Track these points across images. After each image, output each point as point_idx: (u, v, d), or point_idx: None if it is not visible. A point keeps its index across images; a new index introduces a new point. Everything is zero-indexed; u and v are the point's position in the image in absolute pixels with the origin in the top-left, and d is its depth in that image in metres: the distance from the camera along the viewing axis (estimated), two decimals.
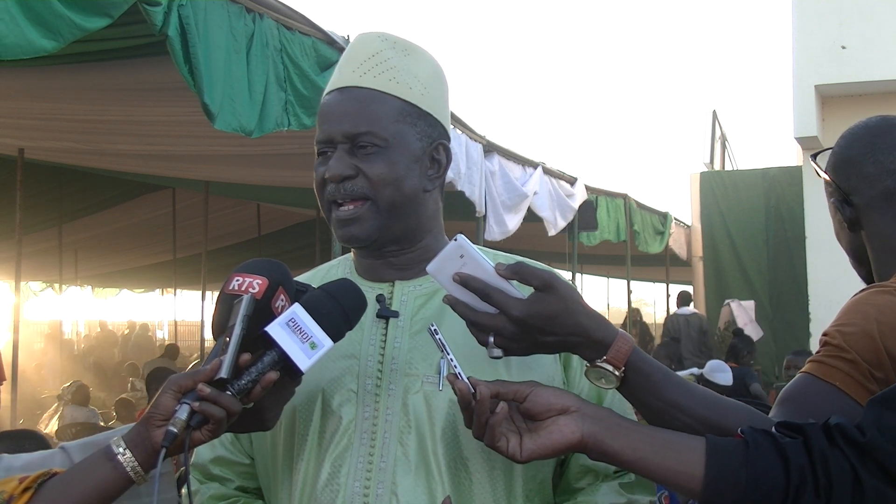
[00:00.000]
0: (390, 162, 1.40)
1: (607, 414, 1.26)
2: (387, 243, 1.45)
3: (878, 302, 1.46)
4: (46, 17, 2.86)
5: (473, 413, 1.22)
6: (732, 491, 1.17)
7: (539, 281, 1.27)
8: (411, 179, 1.43)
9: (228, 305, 1.22)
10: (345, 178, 1.40)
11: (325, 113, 1.45)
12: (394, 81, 1.43)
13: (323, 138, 1.44)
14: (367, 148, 1.40)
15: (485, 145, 6.65)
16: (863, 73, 8.70)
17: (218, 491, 1.50)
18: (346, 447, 1.37)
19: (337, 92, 1.45)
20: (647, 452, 1.21)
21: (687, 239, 13.93)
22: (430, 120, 1.46)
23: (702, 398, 1.32)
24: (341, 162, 1.40)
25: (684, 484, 1.20)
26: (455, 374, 1.23)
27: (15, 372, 6.53)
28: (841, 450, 1.17)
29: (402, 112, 1.43)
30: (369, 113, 1.41)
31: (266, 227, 11.90)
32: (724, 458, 1.18)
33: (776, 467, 1.17)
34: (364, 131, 1.39)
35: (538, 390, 1.25)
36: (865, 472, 1.15)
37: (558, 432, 1.22)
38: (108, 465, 1.16)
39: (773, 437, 1.20)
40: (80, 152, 7.34)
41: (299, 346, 1.19)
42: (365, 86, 1.42)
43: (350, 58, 1.47)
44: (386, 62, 1.44)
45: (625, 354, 1.28)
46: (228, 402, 1.16)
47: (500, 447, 1.22)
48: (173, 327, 16.26)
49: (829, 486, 1.15)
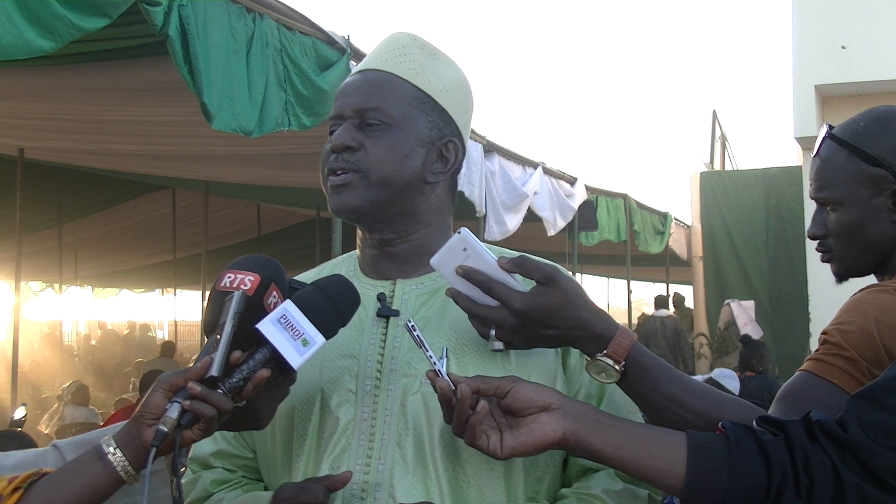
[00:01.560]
0: (394, 141, 1.40)
1: (589, 410, 1.25)
2: (378, 221, 1.44)
3: (877, 301, 1.47)
4: (45, 18, 2.86)
5: (454, 410, 1.21)
6: (714, 490, 1.17)
7: (541, 274, 1.28)
8: (412, 161, 1.42)
9: (220, 302, 1.21)
10: (346, 148, 1.40)
11: (341, 90, 1.47)
12: (413, 72, 1.44)
13: (334, 114, 1.45)
14: (375, 125, 1.40)
15: (485, 145, 6.65)
16: (863, 73, 8.69)
17: (220, 475, 1.49)
18: (345, 448, 1.36)
19: (357, 74, 1.47)
20: (628, 450, 1.21)
21: (687, 239, 13.92)
22: (446, 116, 1.46)
23: (701, 393, 1.33)
24: (347, 132, 1.41)
25: (665, 481, 1.20)
26: (435, 370, 1.22)
27: (15, 372, 6.53)
28: (822, 447, 1.16)
29: (417, 98, 1.43)
30: (382, 91, 1.42)
31: (266, 227, 11.90)
32: (705, 456, 1.18)
33: (758, 466, 1.16)
34: (373, 107, 1.40)
35: (519, 386, 1.23)
36: (846, 469, 1.15)
37: (540, 430, 1.21)
38: (98, 464, 1.15)
39: (755, 433, 1.20)
40: (80, 152, 7.34)
41: (291, 344, 1.18)
42: (385, 69, 1.45)
43: (378, 49, 1.50)
44: (410, 56, 1.46)
45: (625, 349, 1.29)
46: (219, 401, 1.14)
47: (480, 445, 1.21)
48: (173, 327, 16.25)
49: (811, 485, 1.15)
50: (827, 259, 1.61)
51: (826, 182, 1.55)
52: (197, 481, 1.48)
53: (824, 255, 1.61)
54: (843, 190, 1.52)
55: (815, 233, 1.59)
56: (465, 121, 1.51)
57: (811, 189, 1.59)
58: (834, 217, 1.55)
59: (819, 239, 1.60)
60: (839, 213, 1.54)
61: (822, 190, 1.56)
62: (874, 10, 8.72)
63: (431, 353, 1.23)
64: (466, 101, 1.52)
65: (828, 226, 1.57)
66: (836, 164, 1.53)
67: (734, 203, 12.90)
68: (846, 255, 1.56)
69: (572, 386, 1.43)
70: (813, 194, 1.58)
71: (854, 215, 1.52)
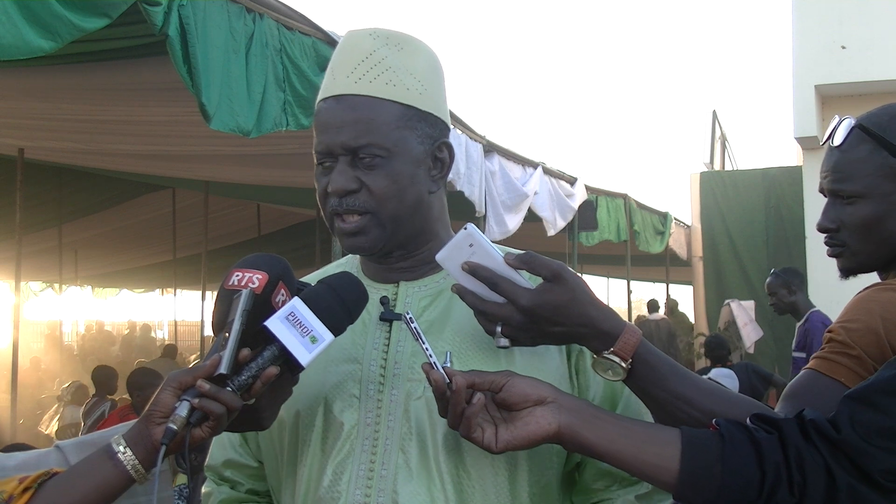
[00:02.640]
0: (393, 172, 1.37)
1: (584, 405, 1.26)
2: (394, 249, 1.44)
3: (883, 299, 1.47)
4: (44, 18, 2.85)
5: (449, 403, 1.22)
6: (707, 486, 1.17)
7: (548, 271, 1.27)
8: (415, 186, 1.40)
9: (228, 301, 1.21)
10: (348, 193, 1.37)
11: (322, 122, 1.39)
12: (390, 85, 1.37)
13: (322, 150, 1.39)
14: (369, 159, 1.36)
15: (485, 145, 6.65)
16: (863, 73, 8.70)
17: (229, 496, 1.50)
18: (348, 454, 1.36)
19: (333, 100, 1.39)
20: (622, 444, 1.21)
21: (687, 239, 13.92)
22: (431, 119, 1.42)
23: (708, 391, 1.32)
24: (343, 175, 1.36)
25: (659, 477, 1.20)
26: (430, 363, 1.22)
27: (15, 372, 6.53)
28: (815, 446, 1.17)
29: (402, 117, 1.38)
30: (368, 123, 1.35)
31: (266, 227, 11.89)
32: (699, 452, 1.18)
33: (751, 464, 1.17)
34: (364, 143, 1.35)
35: (514, 380, 1.24)
36: (839, 468, 1.15)
37: (535, 423, 1.22)
38: (108, 463, 1.15)
39: (749, 431, 1.20)
40: (80, 152, 7.34)
41: (299, 341, 1.18)
42: (361, 93, 1.36)
43: (342, 60, 1.40)
44: (381, 63, 1.38)
45: (632, 346, 1.28)
46: (228, 399, 1.15)
47: (475, 438, 1.22)
48: (173, 327, 16.25)
49: (803, 484, 1.15)
50: (836, 254, 1.57)
51: (847, 174, 1.50)
52: (209, 497, 1.50)
53: (834, 250, 1.57)
54: (867, 183, 1.48)
55: (828, 226, 1.55)
56: (445, 107, 1.47)
57: (826, 180, 1.54)
58: (852, 210, 1.51)
59: (830, 232, 1.56)
60: (859, 207, 1.50)
61: (841, 182, 1.51)
62: (874, 10, 8.73)
63: (428, 346, 1.23)
64: (442, 83, 1.46)
65: (842, 219, 1.53)
66: (860, 157, 1.48)
67: (734, 203, 12.90)
68: (861, 250, 1.53)
69: (584, 391, 1.42)
70: (829, 186, 1.53)
71: (875, 209, 1.49)
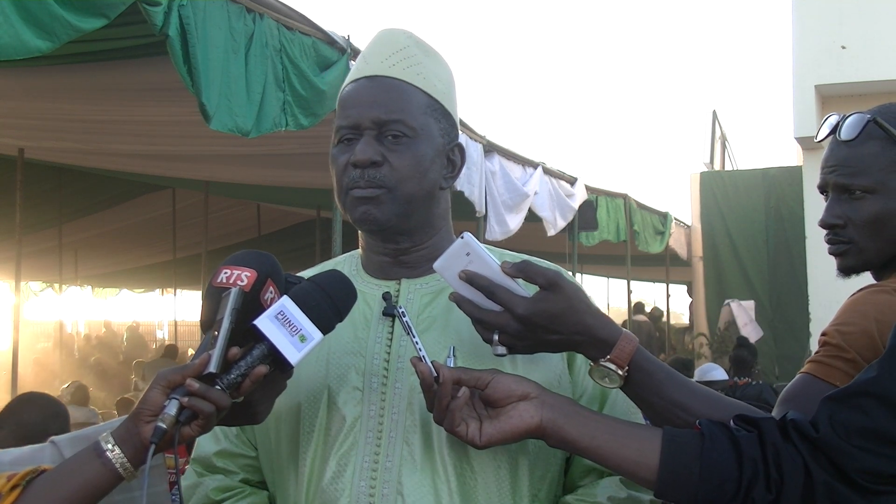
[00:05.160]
0: (417, 153, 1.41)
1: (567, 402, 1.28)
2: (400, 234, 1.45)
3: (877, 301, 1.46)
4: (41, 18, 2.85)
5: (435, 397, 1.24)
6: (686, 482, 1.18)
7: (544, 279, 1.28)
8: (432, 173, 1.44)
9: (217, 299, 1.21)
10: (372, 164, 1.38)
11: (351, 98, 1.44)
12: (421, 77, 1.44)
13: (348, 124, 1.42)
14: (397, 137, 1.39)
15: (485, 145, 6.65)
16: (863, 73, 8.71)
17: (222, 483, 1.48)
18: (352, 446, 1.36)
19: (365, 80, 1.44)
20: (603, 440, 1.23)
21: (687, 239, 13.92)
22: (451, 120, 1.49)
23: (704, 397, 1.32)
24: (370, 147, 1.39)
25: (639, 473, 1.22)
26: (419, 357, 1.24)
27: (15, 372, 6.52)
28: (794, 445, 1.18)
29: (430, 106, 1.44)
30: (400, 102, 1.41)
31: (266, 227, 11.90)
32: (679, 449, 1.20)
33: (729, 461, 1.18)
34: (395, 119, 1.39)
35: (499, 377, 1.26)
36: (817, 467, 1.16)
37: (517, 417, 1.24)
38: (96, 461, 1.15)
39: (729, 429, 1.22)
40: (80, 152, 7.34)
41: (288, 339, 1.18)
42: (395, 76, 1.43)
43: (376, 50, 1.47)
44: (412, 58, 1.45)
45: (629, 354, 1.29)
46: (217, 397, 1.15)
47: (459, 432, 1.24)
48: (173, 327, 16.24)
49: (780, 480, 1.16)
50: (840, 251, 1.53)
51: (859, 169, 1.47)
52: (197, 487, 1.48)
53: (837, 247, 1.53)
54: (880, 178, 1.46)
55: (834, 222, 1.51)
56: (457, 113, 1.54)
57: (833, 175, 1.50)
58: (861, 206, 1.48)
59: (836, 228, 1.52)
60: (870, 202, 1.47)
61: (852, 176, 1.48)
62: (874, 10, 8.73)
63: (418, 340, 1.26)
64: (455, 95, 1.54)
65: (849, 215, 1.49)
66: (873, 152, 1.46)
67: (734, 203, 12.91)
68: (867, 247, 1.49)
69: (576, 390, 1.43)
70: (837, 180, 1.50)
71: (886, 205, 1.46)
